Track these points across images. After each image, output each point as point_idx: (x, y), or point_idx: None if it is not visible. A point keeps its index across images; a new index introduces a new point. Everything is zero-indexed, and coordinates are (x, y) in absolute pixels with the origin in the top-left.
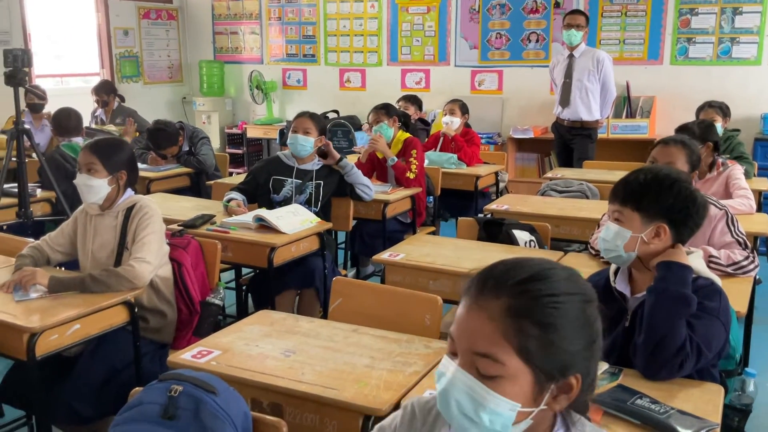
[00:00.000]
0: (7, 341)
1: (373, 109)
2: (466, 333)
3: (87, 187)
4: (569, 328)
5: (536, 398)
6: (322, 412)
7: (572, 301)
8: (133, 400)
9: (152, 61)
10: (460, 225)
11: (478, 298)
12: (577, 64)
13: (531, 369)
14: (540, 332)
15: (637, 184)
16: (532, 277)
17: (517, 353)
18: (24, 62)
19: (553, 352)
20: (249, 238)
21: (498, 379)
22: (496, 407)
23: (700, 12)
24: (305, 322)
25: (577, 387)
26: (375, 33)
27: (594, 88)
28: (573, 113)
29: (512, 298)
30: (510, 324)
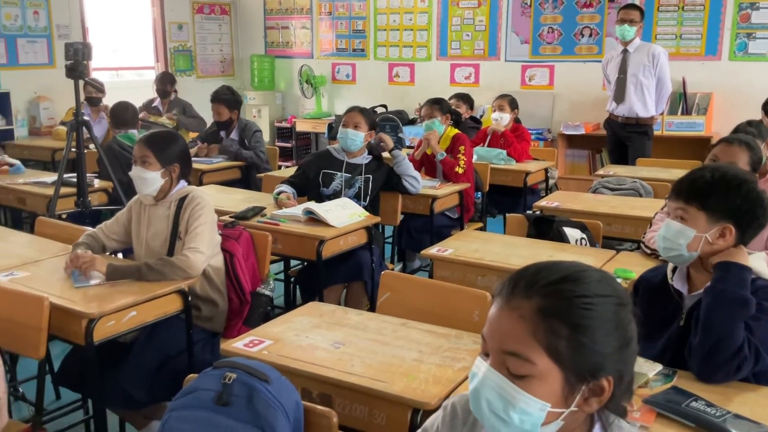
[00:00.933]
0: (67, 326)
1: (427, 103)
2: (497, 332)
3: (141, 179)
4: (601, 330)
5: (566, 399)
6: (371, 404)
7: (604, 303)
8: (188, 386)
9: (205, 55)
10: (509, 221)
11: (509, 299)
12: (632, 60)
13: (561, 369)
14: (570, 333)
15: (704, 183)
16: (564, 278)
17: (547, 353)
18: (84, 55)
19: (584, 353)
20: (298, 230)
21: (528, 378)
22: (526, 407)
23: (761, 6)
24: (354, 315)
25: (609, 390)
26: (425, 27)
27: (649, 84)
28: (628, 109)
29: (544, 298)
30: (540, 324)
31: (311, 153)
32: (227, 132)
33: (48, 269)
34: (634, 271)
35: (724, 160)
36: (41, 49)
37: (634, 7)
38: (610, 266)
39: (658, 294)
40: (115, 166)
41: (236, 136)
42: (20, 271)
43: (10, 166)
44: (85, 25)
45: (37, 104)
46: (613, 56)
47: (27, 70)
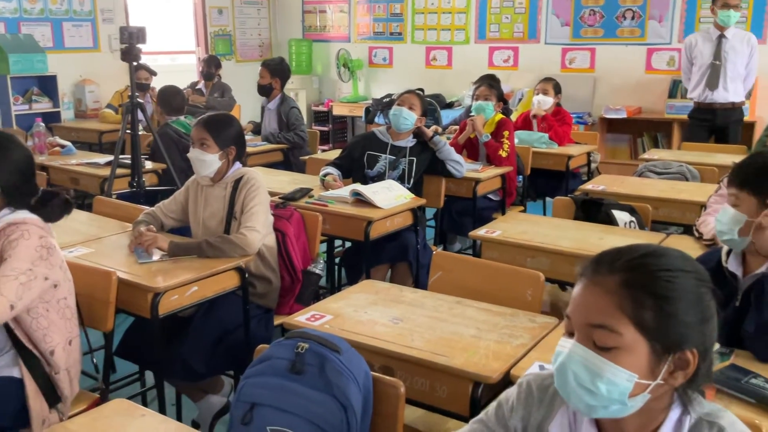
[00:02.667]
0: (133, 300)
1: (485, 84)
2: (582, 307)
3: (200, 161)
4: (684, 302)
5: (653, 371)
6: (433, 377)
7: (687, 277)
8: (262, 355)
9: (244, 39)
10: (555, 204)
11: (593, 276)
12: (729, 46)
13: (647, 340)
14: (655, 303)
15: (755, 168)
16: (646, 254)
17: (633, 324)
18: (139, 39)
19: (669, 323)
20: (346, 211)
21: (614, 350)
22: (613, 377)
23: None
24: (409, 292)
25: (694, 363)
26: (463, 10)
27: (742, 72)
28: (723, 96)
29: (628, 272)
30: (626, 296)
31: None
32: (268, 99)
33: (110, 246)
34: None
35: None
36: (86, 33)
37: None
38: None
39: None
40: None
41: (274, 107)
42: (84, 247)
43: (61, 148)
44: (127, 9)
45: (82, 87)
46: (698, 40)
47: (72, 54)
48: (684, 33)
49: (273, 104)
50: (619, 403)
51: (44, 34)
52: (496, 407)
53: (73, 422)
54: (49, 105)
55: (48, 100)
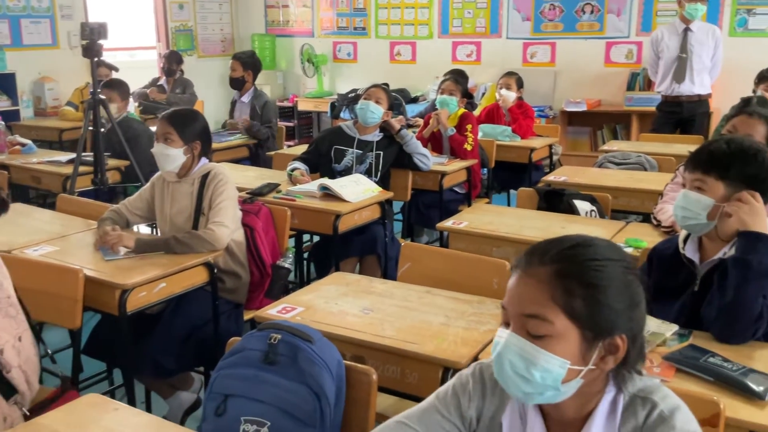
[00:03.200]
0: (100, 297)
1: (452, 80)
2: (516, 298)
3: (163, 156)
4: (612, 289)
5: (584, 357)
6: (404, 365)
7: (614, 265)
8: (235, 347)
9: (206, 34)
10: (519, 195)
11: (526, 269)
12: (695, 39)
13: (578, 327)
14: (585, 291)
15: (722, 153)
16: (576, 245)
17: (564, 312)
18: (100, 35)
19: (599, 310)
20: (315, 205)
21: (547, 338)
22: (547, 364)
23: None
24: (379, 284)
25: (623, 348)
26: (426, 5)
27: (708, 64)
28: (690, 88)
29: (558, 263)
30: (557, 286)
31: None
32: (240, 92)
33: (75, 244)
34: (644, 241)
35: (742, 131)
36: (45, 30)
37: None
38: (621, 236)
39: (672, 263)
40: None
41: (248, 100)
42: (48, 245)
43: (22, 146)
44: (86, 5)
45: (41, 85)
46: (664, 33)
47: (31, 51)
48: (642, 26)
49: (246, 97)
50: (553, 389)
51: (2, 31)
52: (452, 395)
53: (47, 417)
54: (7, 103)
55: (6, 99)
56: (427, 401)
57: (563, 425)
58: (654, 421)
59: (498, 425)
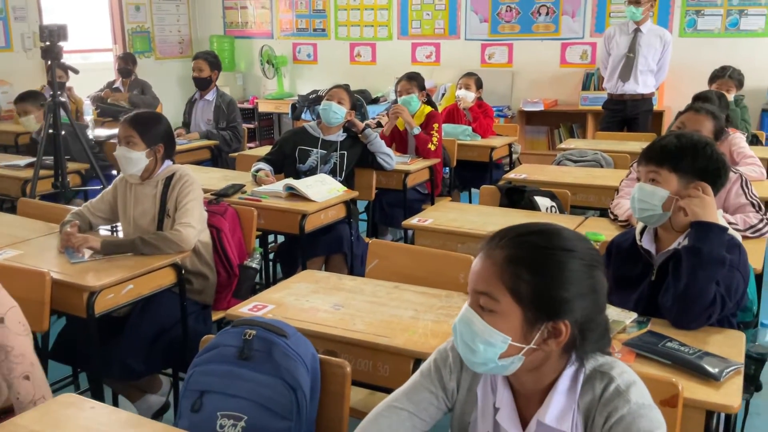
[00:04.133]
0: (67, 300)
1: (404, 79)
2: (474, 275)
3: (126, 159)
4: (560, 277)
5: (526, 336)
6: (375, 358)
7: (568, 256)
8: (209, 343)
9: (163, 36)
10: (482, 192)
11: (487, 250)
12: (644, 40)
13: (521, 308)
14: (531, 277)
15: (674, 147)
16: (535, 231)
17: (510, 293)
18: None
19: (542, 296)
20: (281, 206)
21: (493, 314)
22: (490, 338)
23: None
24: (348, 280)
25: (566, 334)
26: (385, 7)
27: (653, 66)
28: (633, 88)
29: (512, 248)
30: (507, 268)
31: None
32: (204, 92)
33: (39, 247)
34: (603, 234)
35: (690, 127)
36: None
37: None
38: (580, 230)
39: (629, 255)
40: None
41: (212, 98)
42: (11, 249)
43: None
44: (40, 7)
45: None
46: (615, 32)
47: None
48: (595, 28)
49: (210, 95)
50: (494, 362)
51: None
52: (434, 370)
53: (23, 417)
54: None
55: None
56: (411, 380)
57: (527, 397)
58: (611, 394)
59: (474, 395)
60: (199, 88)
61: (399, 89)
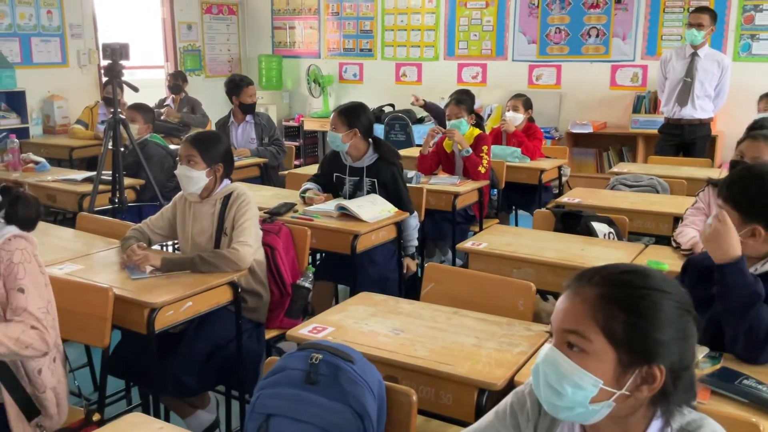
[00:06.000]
0: (128, 316)
1: (453, 103)
2: (561, 314)
3: (187, 178)
4: (656, 320)
5: (618, 381)
6: (438, 385)
7: (663, 296)
8: (276, 366)
9: (213, 54)
10: (536, 217)
11: (576, 287)
12: (701, 65)
13: (615, 350)
14: (627, 317)
15: (737, 186)
16: (628, 271)
17: (603, 333)
18: (122, 55)
19: (638, 338)
20: (333, 225)
21: (583, 354)
22: (579, 380)
23: (764, 8)
24: (405, 304)
25: (661, 379)
26: (432, 28)
27: (711, 92)
28: (692, 112)
29: (606, 286)
30: (600, 307)
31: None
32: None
33: (99, 262)
34: (666, 263)
35: (750, 155)
36: (54, 48)
37: (703, 10)
38: (641, 258)
39: (706, 274)
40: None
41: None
42: (73, 264)
43: (35, 164)
44: (96, 25)
45: (51, 103)
46: (672, 56)
47: (41, 69)
48: (647, 50)
49: (250, 117)
50: (583, 407)
51: (12, 49)
52: (510, 414)
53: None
54: (17, 121)
55: (16, 116)
56: (485, 420)
57: None
58: None
59: None
60: (249, 113)
61: (448, 113)
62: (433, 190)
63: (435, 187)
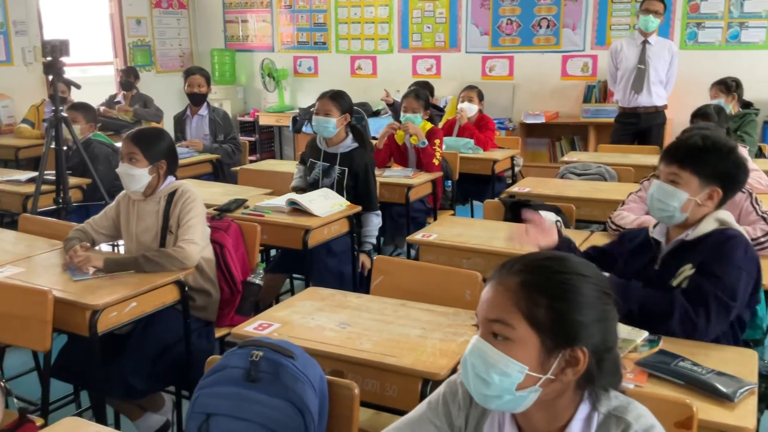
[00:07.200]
0: (69, 318)
1: (412, 96)
2: (486, 304)
3: (129, 176)
4: (576, 301)
5: (543, 365)
6: (383, 378)
7: (582, 280)
8: (216, 365)
9: (164, 50)
10: (486, 207)
11: (499, 277)
12: (653, 51)
13: (538, 335)
14: (548, 302)
15: (698, 149)
16: (548, 258)
17: (526, 319)
18: (62, 52)
19: (560, 320)
20: (284, 221)
21: (508, 342)
22: (506, 368)
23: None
24: (354, 298)
25: (584, 361)
26: (386, 20)
27: (663, 77)
28: (648, 100)
29: (527, 273)
30: (522, 294)
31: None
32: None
33: (41, 264)
34: None
35: None
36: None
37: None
38: (586, 245)
39: (640, 245)
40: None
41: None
42: (13, 267)
43: None
44: (41, 21)
45: None
46: (623, 45)
47: None
48: (596, 40)
49: (203, 110)
50: (510, 394)
51: None
52: (443, 404)
53: None
54: None
55: None
56: (418, 410)
57: None
58: None
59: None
60: (196, 104)
61: (405, 105)
62: (386, 183)
63: (388, 180)
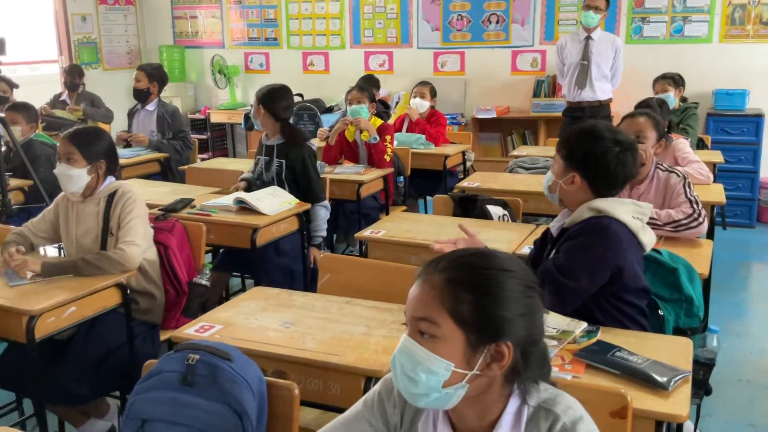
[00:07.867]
0: (5, 324)
1: (356, 89)
2: (412, 302)
3: (66, 177)
4: (500, 296)
5: (469, 361)
6: (326, 377)
7: (506, 275)
8: (152, 369)
9: (111, 47)
10: (435, 202)
11: (425, 275)
12: (595, 47)
13: (463, 331)
14: (472, 298)
15: (567, 136)
16: (472, 254)
17: (451, 316)
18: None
19: (484, 316)
20: (231, 220)
21: (434, 340)
22: (432, 365)
23: None
24: (299, 296)
25: (509, 355)
26: (337, 16)
27: (607, 72)
28: (591, 95)
29: (451, 270)
30: (447, 291)
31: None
32: (144, 104)
33: None
34: None
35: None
36: None
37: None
38: (531, 239)
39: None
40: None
41: (153, 108)
42: None
43: None
44: None
45: None
46: (567, 41)
47: None
48: (545, 35)
49: (151, 106)
50: (437, 392)
51: None
52: (377, 401)
53: None
54: None
55: None
56: (353, 409)
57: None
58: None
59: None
60: (138, 100)
61: (350, 98)
62: (337, 180)
63: (339, 177)
